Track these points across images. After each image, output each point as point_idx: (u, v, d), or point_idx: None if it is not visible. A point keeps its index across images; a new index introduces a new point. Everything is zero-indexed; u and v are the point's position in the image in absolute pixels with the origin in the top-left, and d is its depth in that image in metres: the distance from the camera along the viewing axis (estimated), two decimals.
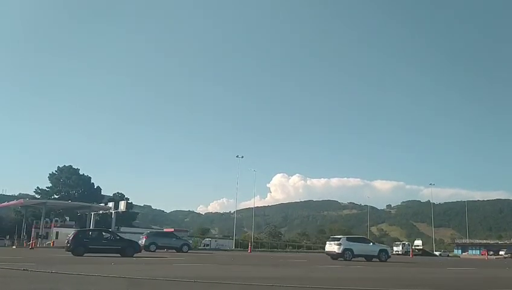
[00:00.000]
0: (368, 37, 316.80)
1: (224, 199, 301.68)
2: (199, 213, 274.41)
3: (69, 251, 21.68)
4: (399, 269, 19.59)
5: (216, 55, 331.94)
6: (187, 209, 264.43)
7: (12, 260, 17.31)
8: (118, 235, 24.46)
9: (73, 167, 76.44)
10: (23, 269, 11.09)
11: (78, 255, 20.65)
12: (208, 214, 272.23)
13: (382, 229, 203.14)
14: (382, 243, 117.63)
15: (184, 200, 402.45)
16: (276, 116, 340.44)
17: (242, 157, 71.18)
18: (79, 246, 21.34)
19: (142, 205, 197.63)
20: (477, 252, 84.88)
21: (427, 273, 16.89)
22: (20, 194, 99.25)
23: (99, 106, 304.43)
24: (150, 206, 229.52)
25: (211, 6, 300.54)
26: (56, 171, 75.83)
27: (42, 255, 22.45)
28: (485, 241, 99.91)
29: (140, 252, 23.59)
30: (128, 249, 22.08)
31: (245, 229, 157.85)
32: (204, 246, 57.72)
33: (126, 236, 55.75)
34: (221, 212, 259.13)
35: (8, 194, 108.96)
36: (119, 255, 21.31)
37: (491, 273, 18.97)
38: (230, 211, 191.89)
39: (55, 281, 9.48)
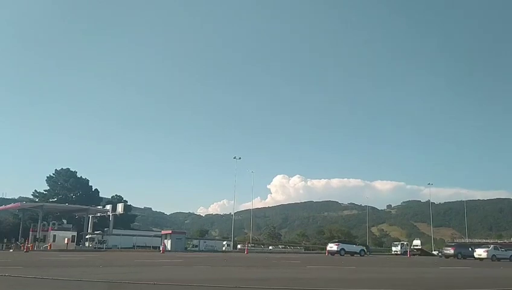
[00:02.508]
0: (367, 36, 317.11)
1: (225, 201, 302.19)
2: (199, 215, 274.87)
3: None
4: (380, 269, 19.57)
5: (216, 56, 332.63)
6: (187, 211, 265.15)
7: (1, 263, 17.31)
8: None
9: (70, 169, 76.57)
10: None
11: None
12: (208, 216, 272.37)
13: (382, 230, 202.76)
14: (382, 243, 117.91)
15: (184, 202, 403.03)
16: (276, 117, 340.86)
17: (240, 158, 71.18)
18: None
19: (142, 207, 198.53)
20: None
21: (407, 273, 16.87)
22: (19, 197, 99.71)
23: (97, 109, 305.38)
24: (150, 209, 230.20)
25: (211, 7, 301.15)
26: (54, 174, 75.93)
27: (34, 259, 22.46)
28: (484, 240, 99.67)
29: None
30: None
31: (245, 231, 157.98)
32: (192, 247, 56.90)
33: (124, 238, 56.27)
34: (222, 213, 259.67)
35: (8, 197, 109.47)
36: None
37: (482, 272, 18.96)
38: (230, 213, 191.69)
39: (27, 285, 9.50)
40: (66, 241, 45.30)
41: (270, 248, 76.43)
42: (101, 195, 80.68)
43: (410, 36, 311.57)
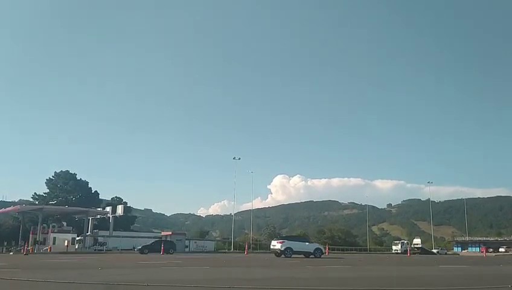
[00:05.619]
0: (367, 36, 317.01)
1: (225, 201, 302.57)
2: (200, 216, 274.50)
3: None
4: (379, 268, 19.61)
5: (215, 56, 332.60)
6: (188, 212, 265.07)
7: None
8: None
9: (70, 172, 76.59)
10: None
11: None
12: (209, 217, 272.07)
13: (383, 229, 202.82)
14: (383, 242, 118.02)
15: (185, 203, 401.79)
16: (276, 117, 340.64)
17: (239, 159, 71.33)
18: None
19: (142, 208, 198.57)
20: (477, 249, 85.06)
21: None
22: (19, 200, 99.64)
23: (96, 110, 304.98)
24: (151, 210, 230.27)
25: (211, 7, 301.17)
26: (53, 176, 75.93)
27: (33, 261, 22.53)
28: (484, 238, 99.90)
29: None
30: None
31: (246, 231, 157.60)
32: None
33: (124, 240, 56.27)
34: (222, 214, 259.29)
35: (7, 200, 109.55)
36: None
37: (477, 270, 19.00)
38: (231, 213, 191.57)
39: (23, 288, 9.55)
40: (66, 244, 45.33)
41: None
42: (100, 197, 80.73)
43: (410, 36, 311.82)
